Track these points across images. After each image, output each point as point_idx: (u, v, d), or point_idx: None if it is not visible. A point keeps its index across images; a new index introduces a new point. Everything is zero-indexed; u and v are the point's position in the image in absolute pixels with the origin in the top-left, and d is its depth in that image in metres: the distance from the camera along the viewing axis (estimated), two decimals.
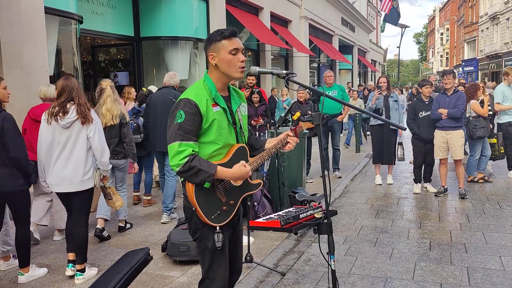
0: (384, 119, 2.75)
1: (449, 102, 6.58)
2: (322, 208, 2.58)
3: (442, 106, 6.61)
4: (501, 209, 6.09)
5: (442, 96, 6.70)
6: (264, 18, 14.43)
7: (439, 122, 6.65)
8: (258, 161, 2.52)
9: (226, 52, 2.35)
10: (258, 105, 7.62)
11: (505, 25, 36.95)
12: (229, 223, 2.44)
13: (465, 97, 6.74)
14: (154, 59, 10.77)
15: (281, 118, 4.22)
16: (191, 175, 2.27)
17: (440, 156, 6.80)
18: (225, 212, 2.41)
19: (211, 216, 2.35)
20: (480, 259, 4.38)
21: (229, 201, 2.43)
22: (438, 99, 6.70)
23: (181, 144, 2.27)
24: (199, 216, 2.36)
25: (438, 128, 6.73)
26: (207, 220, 2.35)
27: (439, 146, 6.75)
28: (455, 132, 6.63)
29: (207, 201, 2.35)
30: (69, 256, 4.07)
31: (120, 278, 2.63)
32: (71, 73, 7.82)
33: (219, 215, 2.38)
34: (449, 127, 6.61)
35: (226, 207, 2.41)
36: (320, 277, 4.06)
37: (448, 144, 6.67)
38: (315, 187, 7.37)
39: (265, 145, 2.63)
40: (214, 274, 2.43)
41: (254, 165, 2.49)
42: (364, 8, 35.61)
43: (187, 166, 2.25)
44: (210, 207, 2.36)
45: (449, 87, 6.63)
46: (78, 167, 3.87)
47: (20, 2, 6.01)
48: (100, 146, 3.96)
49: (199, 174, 2.26)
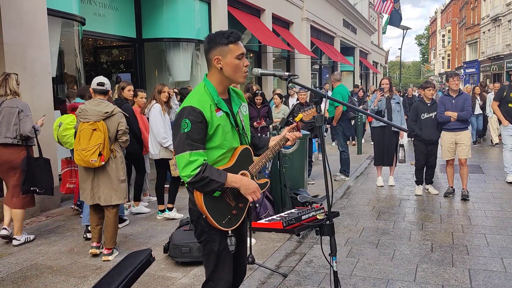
0: (386, 121, 2.75)
1: (455, 104, 6.60)
2: (324, 210, 2.58)
3: (448, 108, 6.62)
4: (503, 211, 6.09)
5: (447, 98, 6.71)
6: (266, 20, 14.44)
7: (448, 124, 6.68)
8: (263, 160, 2.52)
9: (233, 57, 2.32)
10: (261, 106, 7.63)
11: (507, 27, 36.90)
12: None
13: (470, 99, 6.76)
14: (156, 61, 10.79)
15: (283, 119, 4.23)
16: (202, 185, 2.24)
17: (448, 157, 6.83)
18: (235, 216, 2.41)
19: (222, 222, 2.35)
20: (482, 261, 4.38)
21: (238, 204, 2.42)
22: (443, 101, 6.71)
23: (192, 154, 2.23)
24: (210, 223, 2.35)
25: (446, 130, 6.76)
26: (218, 226, 2.34)
27: (448, 147, 6.76)
28: (463, 133, 6.69)
29: (216, 207, 2.34)
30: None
31: (123, 279, 2.64)
32: (73, 74, 7.84)
33: (229, 219, 2.38)
34: (458, 129, 6.65)
35: (236, 211, 2.41)
36: (322, 279, 4.06)
37: (456, 144, 6.70)
38: (316, 188, 7.37)
39: (269, 143, 2.63)
40: (218, 276, 2.43)
41: (260, 165, 2.49)
42: (365, 10, 35.63)
43: (199, 177, 2.22)
44: (220, 212, 2.35)
45: (455, 89, 6.64)
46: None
47: (23, 4, 6.04)
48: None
49: (210, 184, 2.24)
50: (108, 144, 4.38)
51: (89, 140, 4.32)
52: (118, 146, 4.56)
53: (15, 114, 4.78)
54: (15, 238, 4.99)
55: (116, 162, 4.49)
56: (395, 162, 7.76)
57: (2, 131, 4.78)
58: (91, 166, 4.34)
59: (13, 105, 4.81)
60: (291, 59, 17.59)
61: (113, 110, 4.48)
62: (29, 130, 4.83)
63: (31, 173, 4.88)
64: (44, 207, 6.30)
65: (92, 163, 4.31)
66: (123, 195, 4.53)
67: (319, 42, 20.39)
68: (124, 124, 4.55)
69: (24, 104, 4.91)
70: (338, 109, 8.17)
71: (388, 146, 7.54)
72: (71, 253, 4.75)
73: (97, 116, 4.39)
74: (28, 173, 4.86)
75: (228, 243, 2.36)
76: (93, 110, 4.42)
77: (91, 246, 4.62)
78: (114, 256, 4.56)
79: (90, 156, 4.28)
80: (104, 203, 4.47)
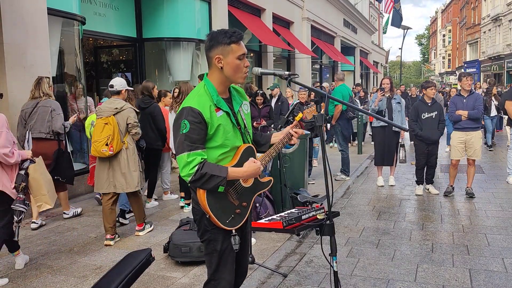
0: (386, 120, 2.74)
1: (466, 103, 6.61)
2: (324, 209, 2.57)
3: (459, 107, 6.65)
4: (503, 211, 6.08)
5: (458, 97, 6.73)
6: (266, 20, 14.43)
7: (459, 123, 6.68)
8: (266, 158, 2.51)
9: (234, 57, 2.32)
10: (262, 106, 7.62)
11: (507, 27, 36.87)
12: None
13: (482, 98, 6.78)
14: (157, 60, 10.78)
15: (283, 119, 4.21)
16: (203, 182, 2.24)
17: (457, 157, 6.81)
18: (239, 215, 2.40)
19: (225, 221, 2.34)
20: (482, 261, 4.37)
21: (241, 203, 2.42)
22: (455, 101, 6.76)
23: (190, 155, 2.24)
24: (214, 223, 2.34)
25: (457, 130, 6.77)
26: (222, 226, 2.33)
27: (457, 147, 6.76)
28: (475, 133, 6.68)
29: (220, 207, 2.33)
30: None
31: (122, 278, 2.63)
32: (73, 74, 7.84)
33: (233, 218, 2.37)
34: (469, 128, 6.65)
35: (240, 210, 2.41)
36: (322, 279, 4.05)
37: (467, 144, 6.69)
38: (317, 188, 7.37)
39: (271, 140, 2.62)
40: (220, 276, 2.42)
41: (263, 163, 2.48)
42: (366, 10, 35.59)
43: (198, 175, 2.23)
44: (224, 212, 2.35)
45: (468, 89, 6.65)
46: None
47: (23, 3, 6.03)
48: None
49: (211, 180, 2.23)
50: (118, 136, 4.86)
51: (101, 133, 4.83)
52: (130, 139, 5.03)
53: (48, 113, 5.48)
54: (64, 213, 6.00)
55: (128, 153, 4.97)
56: (396, 162, 7.75)
57: (37, 127, 5.48)
58: (103, 155, 4.84)
59: (46, 104, 5.51)
60: (292, 59, 17.58)
61: (123, 106, 4.97)
62: (59, 127, 5.54)
63: (58, 163, 5.55)
64: None
65: (103, 153, 4.80)
66: (135, 183, 4.99)
67: (319, 42, 20.37)
68: (133, 118, 4.98)
69: (56, 104, 5.59)
70: (338, 108, 8.16)
71: (388, 146, 7.53)
72: (71, 252, 4.74)
73: (108, 112, 4.90)
74: (56, 164, 5.53)
75: (232, 242, 2.36)
76: (106, 107, 4.97)
77: (105, 238, 4.97)
78: (146, 231, 5.24)
79: (100, 146, 4.80)
80: (119, 190, 4.99)
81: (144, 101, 6.07)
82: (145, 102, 6.05)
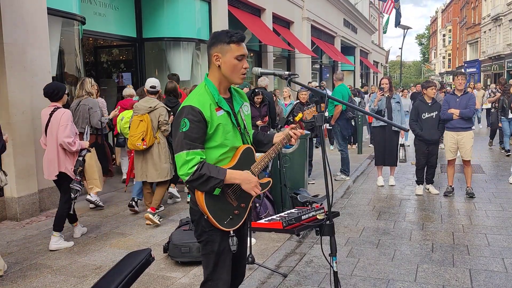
0: (386, 120, 2.74)
1: (459, 102, 6.61)
2: (324, 210, 2.57)
3: (452, 106, 6.65)
4: (503, 210, 6.07)
5: (452, 96, 6.73)
6: (266, 19, 14.43)
7: (450, 123, 6.68)
8: (265, 159, 2.51)
9: (232, 56, 2.32)
10: (261, 105, 7.60)
11: (507, 27, 36.87)
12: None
13: (475, 98, 6.77)
14: (157, 60, 10.77)
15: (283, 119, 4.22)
16: (201, 183, 2.24)
17: (450, 157, 6.84)
18: (237, 216, 2.40)
19: (224, 222, 2.34)
20: (482, 261, 4.37)
21: (240, 204, 2.41)
22: (448, 100, 6.75)
23: (189, 153, 2.23)
24: (212, 224, 2.34)
25: (448, 129, 6.77)
26: (220, 227, 2.33)
27: (450, 147, 6.77)
28: (466, 133, 6.67)
29: (218, 208, 2.33)
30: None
31: (122, 278, 2.63)
32: (73, 74, 7.83)
33: (231, 219, 2.37)
34: (460, 128, 6.64)
35: (238, 211, 2.40)
36: (322, 279, 4.05)
37: (458, 144, 6.69)
38: (316, 188, 7.36)
39: (273, 139, 2.62)
40: (217, 276, 2.42)
41: (262, 164, 2.47)
42: (366, 10, 35.57)
43: (197, 175, 2.22)
44: (222, 213, 2.34)
45: (461, 88, 6.65)
46: None
47: (23, 3, 6.03)
48: None
49: (209, 182, 2.23)
50: (151, 131, 5.46)
51: (137, 129, 5.44)
52: (161, 134, 5.60)
53: (87, 110, 6.05)
54: (89, 195, 6.39)
55: (159, 147, 5.56)
56: (396, 161, 7.74)
57: (79, 123, 6.00)
58: (137, 149, 5.45)
59: (86, 103, 6.08)
60: (292, 59, 17.57)
61: (156, 105, 5.54)
62: (95, 123, 6.10)
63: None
64: (43, 207, 6.30)
65: (137, 146, 5.42)
66: (164, 174, 5.57)
67: (319, 42, 20.37)
68: (163, 116, 5.54)
69: (94, 102, 6.14)
70: (338, 108, 8.15)
71: (388, 146, 7.53)
72: (71, 252, 4.74)
73: (144, 110, 5.50)
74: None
75: (230, 243, 2.36)
76: (142, 105, 5.55)
77: (146, 211, 5.60)
78: (154, 218, 5.50)
79: (136, 140, 5.41)
80: (149, 180, 5.61)
81: (170, 100, 6.40)
82: (172, 102, 6.35)
